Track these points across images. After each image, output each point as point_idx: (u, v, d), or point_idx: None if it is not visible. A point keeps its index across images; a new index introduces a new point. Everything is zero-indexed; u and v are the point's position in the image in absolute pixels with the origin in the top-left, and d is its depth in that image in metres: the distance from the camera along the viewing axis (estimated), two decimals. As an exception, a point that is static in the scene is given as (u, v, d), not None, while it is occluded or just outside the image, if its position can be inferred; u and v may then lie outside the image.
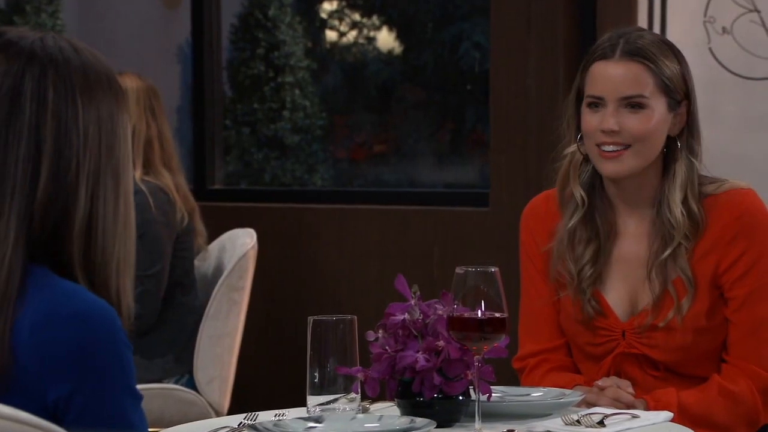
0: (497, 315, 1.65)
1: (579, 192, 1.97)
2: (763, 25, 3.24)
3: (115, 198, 1.31)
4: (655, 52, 1.91)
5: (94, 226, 1.29)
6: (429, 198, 3.72)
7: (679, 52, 1.96)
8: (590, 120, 1.93)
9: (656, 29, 3.33)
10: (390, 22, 5.12)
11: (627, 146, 1.91)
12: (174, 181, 3.04)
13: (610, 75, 1.91)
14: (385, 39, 5.12)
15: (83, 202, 1.28)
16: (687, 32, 3.31)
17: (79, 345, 1.23)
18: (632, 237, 1.99)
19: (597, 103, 1.93)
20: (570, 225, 1.97)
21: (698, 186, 1.95)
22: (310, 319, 1.71)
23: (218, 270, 3.14)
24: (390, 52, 5.09)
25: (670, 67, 1.92)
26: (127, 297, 1.32)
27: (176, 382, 3.03)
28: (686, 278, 1.92)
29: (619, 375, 1.97)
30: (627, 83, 1.91)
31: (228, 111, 4.96)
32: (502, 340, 1.67)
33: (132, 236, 1.34)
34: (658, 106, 1.92)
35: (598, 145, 1.92)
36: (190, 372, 3.04)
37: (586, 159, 1.98)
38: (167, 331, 3.02)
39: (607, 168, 1.92)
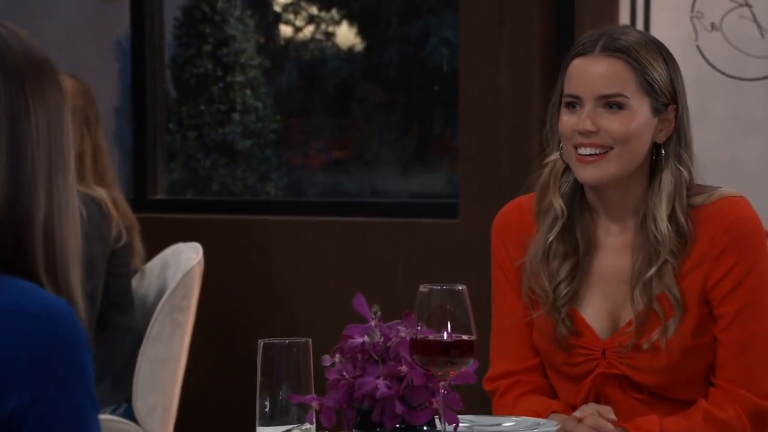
0: (465, 337, 1.65)
1: (559, 203, 1.98)
2: (755, 20, 3.27)
3: (67, 193, 1.33)
4: (639, 50, 1.92)
5: (54, 225, 1.31)
6: (393, 209, 3.73)
7: (668, 53, 1.97)
8: (567, 121, 1.94)
9: (639, 25, 3.36)
10: (350, 17, 5.13)
11: (606, 150, 1.91)
12: (110, 196, 3.03)
13: (588, 72, 1.92)
14: (345, 35, 5.12)
15: (42, 199, 1.31)
16: (673, 28, 3.34)
17: (39, 350, 1.23)
18: (614, 250, 2.00)
19: (574, 103, 1.94)
20: (548, 238, 1.98)
21: (687, 197, 1.96)
22: (261, 342, 1.71)
23: (160, 288, 3.13)
24: (350, 49, 5.10)
25: (656, 67, 1.93)
26: (80, 297, 1.34)
27: (113, 413, 3.01)
28: (673, 298, 1.92)
29: (599, 398, 1.98)
30: (606, 81, 1.91)
31: (172, 113, 4.94)
32: (470, 365, 1.67)
33: (80, 233, 1.36)
34: (641, 108, 1.92)
35: (576, 148, 1.93)
36: (129, 400, 3.02)
37: (569, 168, 1.98)
38: (102, 356, 3.00)
39: (585, 173, 1.93)
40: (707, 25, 3.32)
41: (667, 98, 1.94)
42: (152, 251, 3.21)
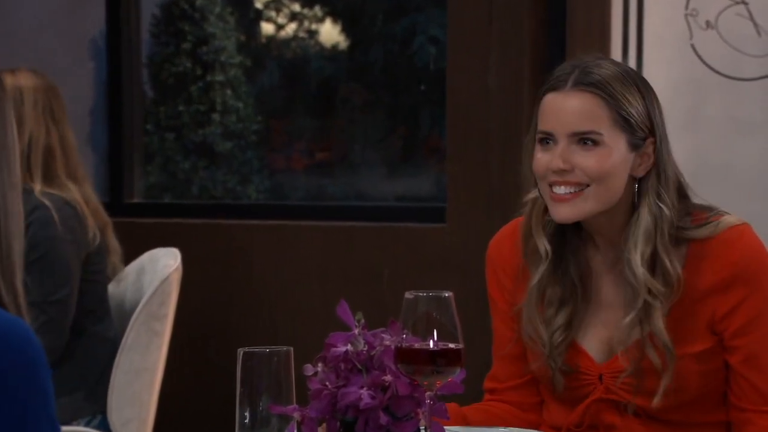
0: (452, 346, 1.65)
1: (543, 244, 1.97)
2: (751, 18, 3.28)
3: (12, 192, 1.33)
4: (613, 84, 1.90)
5: (0, 225, 1.31)
6: (378, 213, 3.73)
7: (644, 83, 1.94)
8: (540, 158, 1.93)
9: (633, 23, 3.37)
10: (334, 14, 5.13)
11: (582, 188, 1.90)
12: (81, 194, 3.02)
13: (560, 108, 1.90)
14: (329, 32, 5.12)
15: None
16: (667, 27, 3.35)
17: None
18: (610, 277, 1.99)
19: (547, 139, 1.92)
20: (536, 282, 1.97)
21: (689, 230, 1.94)
22: (240, 351, 1.71)
23: (136, 295, 3.12)
24: (334, 47, 5.10)
25: (631, 101, 1.90)
26: (23, 300, 1.33)
27: (87, 424, 3.00)
28: (662, 344, 1.91)
29: (595, 424, 1.98)
30: (579, 117, 1.89)
31: (149, 114, 4.93)
32: (457, 374, 1.67)
33: (23, 234, 1.36)
34: (617, 145, 1.90)
35: (550, 186, 1.92)
36: (103, 412, 3.02)
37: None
38: (76, 366, 2.99)
39: (558, 212, 1.92)
40: (702, 23, 3.33)
41: (645, 132, 1.92)
42: (128, 257, 3.21)
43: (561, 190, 1.91)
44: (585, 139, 1.90)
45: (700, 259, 1.93)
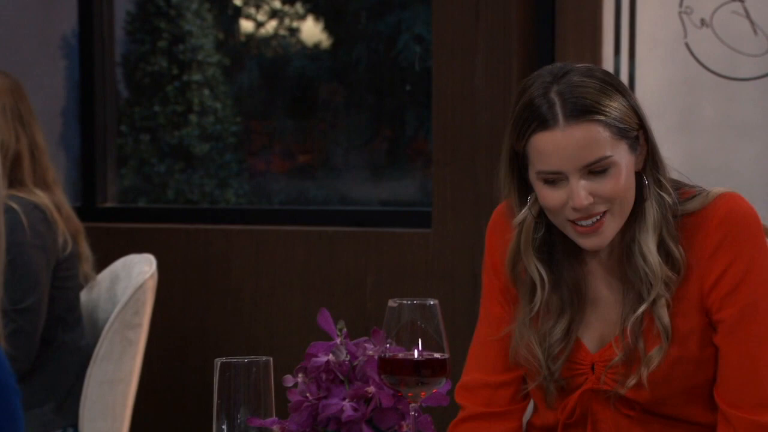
0: (437, 356, 1.65)
1: (536, 269, 1.98)
2: (748, 16, 3.29)
3: None
4: (600, 100, 1.89)
5: None
6: (361, 217, 3.73)
7: (618, 82, 1.94)
8: (552, 196, 1.92)
9: (625, 21, 3.38)
10: (316, 11, 5.13)
11: (604, 212, 1.92)
12: (52, 200, 3.01)
13: (562, 146, 1.89)
14: (311, 30, 5.13)
15: None
16: (660, 25, 3.36)
17: None
18: (604, 272, 2.00)
19: (554, 179, 1.93)
20: (535, 309, 1.97)
21: (679, 204, 1.95)
22: (218, 361, 1.70)
23: (110, 303, 3.12)
24: (316, 45, 5.10)
25: (618, 108, 1.90)
26: None
27: (58, 438, 3.00)
28: (662, 328, 1.92)
29: (585, 415, 1.98)
30: (586, 150, 1.88)
31: (123, 115, 4.93)
32: (442, 385, 1.67)
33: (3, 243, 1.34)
34: (623, 157, 1.91)
35: (573, 222, 1.93)
36: (75, 425, 3.01)
37: (539, 221, 1.98)
38: (46, 376, 2.99)
39: (589, 243, 1.93)
40: (697, 22, 3.34)
41: (636, 129, 1.94)
42: (102, 263, 3.20)
43: (587, 222, 1.92)
44: (596, 169, 1.91)
45: (693, 233, 1.95)
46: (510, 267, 2.01)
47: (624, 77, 3.35)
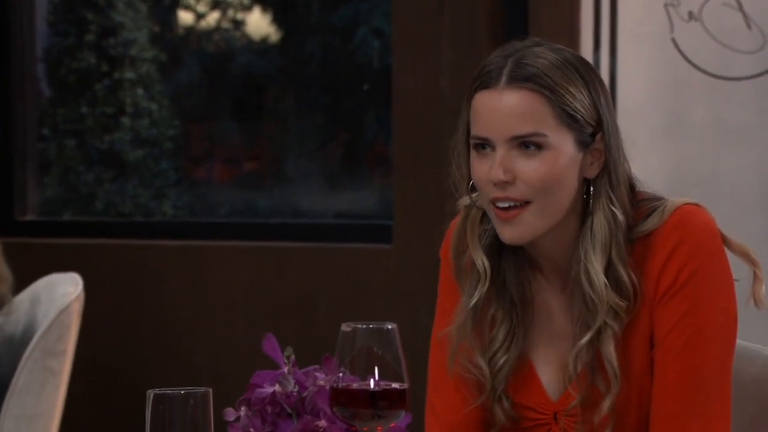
0: (395, 386, 1.66)
1: (481, 259, 1.97)
2: (740, 8, 3.33)
3: None
4: (553, 76, 1.89)
5: None
6: (314, 231, 3.74)
7: (587, 69, 1.93)
8: (479, 168, 1.92)
9: (605, 14, 3.40)
10: (264, 2, 5.14)
11: (526, 203, 1.90)
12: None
13: (495, 109, 1.89)
14: (258, 23, 5.13)
15: None
16: (644, 19, 3.39)
17: None
18: (559, 302, 2.00)
19: (484, 145, 1.92)
20: (473, 304, 1.97)
21: (633, 228, 1.94)
22: (150, 392, 1.70)
23: (29, 329, 3.11)
24: (264, 40, 5.11)
25: (575, 94, 1.89)
26: None
27: (-29, 481, 2.98)
28: (611, 369, 1.90)
29: None
30: (518, 118, 1.88)
31: (45, 116, 4.91)
32: (401, 419, 1.67)
33: None
34: (563, 146, 1.90)
35: (494, 203, 1.92)
36: (-10, 466, 3.00)
37: (486, 213, 1.98)
38: (-43, 411, 2.97)
39: (504, 232, 1.91)
40: (684, 15, 3.37)
41: (593, 127, 1.92)
42: (20, 284, 3.19)
43: (503, 204, 1.91)
44: (527, 143, 1.90)
45: (644, 256, 1.94)
46: (456, 257, 2.01)
47: (604, 76, 3.37)
